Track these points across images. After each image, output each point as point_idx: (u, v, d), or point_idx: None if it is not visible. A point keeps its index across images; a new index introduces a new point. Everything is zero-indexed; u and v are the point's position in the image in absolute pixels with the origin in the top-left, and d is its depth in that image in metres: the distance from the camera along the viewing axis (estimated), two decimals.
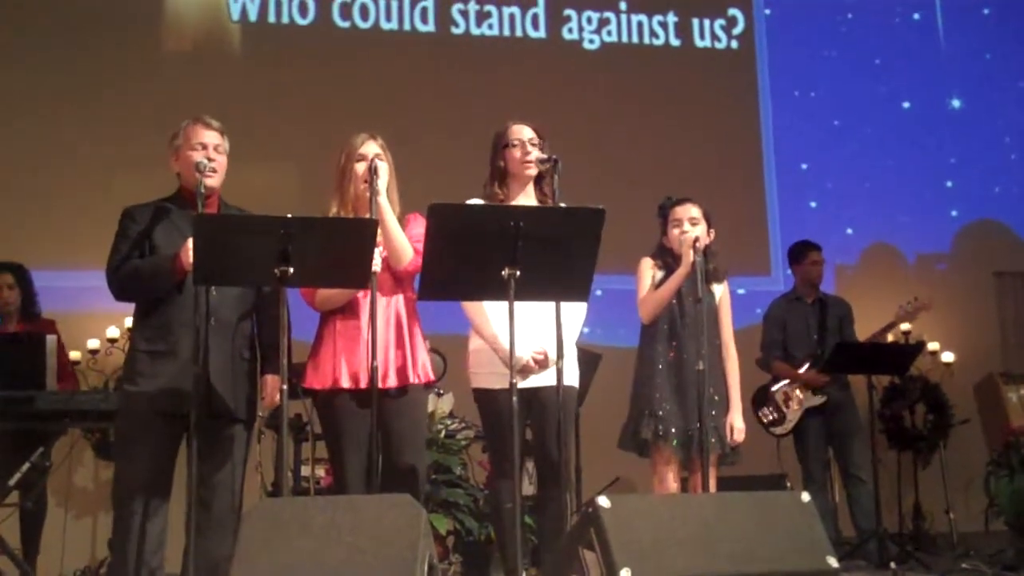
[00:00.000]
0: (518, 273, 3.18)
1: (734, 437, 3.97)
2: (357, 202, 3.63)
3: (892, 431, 7.25)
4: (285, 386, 3.26)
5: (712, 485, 3.83)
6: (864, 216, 7.94)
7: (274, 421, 4.38)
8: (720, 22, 8.05)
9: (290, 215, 3.19)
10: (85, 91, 6.79)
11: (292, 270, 3.20)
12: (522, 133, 3.76)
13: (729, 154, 7.72)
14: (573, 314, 3.72)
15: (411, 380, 3.57)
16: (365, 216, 3.51)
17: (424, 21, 7.56)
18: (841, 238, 7.77)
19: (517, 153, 3.75)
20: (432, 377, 3.71)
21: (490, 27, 7.67)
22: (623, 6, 7.90)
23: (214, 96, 6.55)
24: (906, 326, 6.60)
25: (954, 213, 8.16)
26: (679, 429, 3.90)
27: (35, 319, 5.39)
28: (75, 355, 6.04)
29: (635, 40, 7.88)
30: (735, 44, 8.05)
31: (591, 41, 7.80)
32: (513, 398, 3.25)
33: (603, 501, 2.86)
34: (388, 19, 7.50)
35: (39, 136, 6.71)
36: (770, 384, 5.87)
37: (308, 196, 5.45)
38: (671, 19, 7.96)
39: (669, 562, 2.80)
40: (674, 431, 3.90)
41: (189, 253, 3.33)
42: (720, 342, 4.07)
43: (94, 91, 6.80)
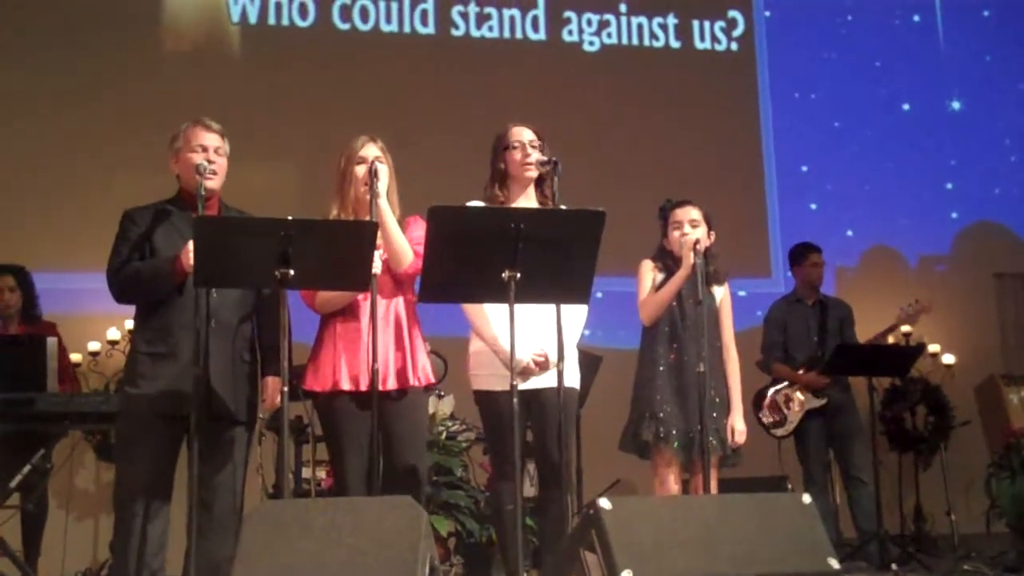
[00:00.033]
0: (518, 275, 3.18)
1: (735, 439, 3.97)
2: (357, 204, 3.63)
3: (893, 433, 7.25)
4: (286, 388, 3.26)
5: (713, 487, 3.83)
6: (864, 218, 7.94)
7: (275, 423, 4.38)
8: (720, 24, 8.06)
9: (290, 217, 3.19)
10: (85, 92, 6.80)
11: (292, 272, 3.20)
12: (522, 135, 3.76)
13: (729, 156, 7.72)
14: (574, 316, 3.72)
15: (411, 382, 3.57)
16: (365, 219, 3.51)
17: (424, 23, 7.56)
18: (841, 240, 7.77)
19: (517, 155, 3.75)
20: (432, 379, 3.71)
21: (490, 29, 7.67)
22: (623, 8, 7.90)
23: (214, 98, 6.56)
24: (907, 328, 6.61)
25: (954, 215, 8.17)
26: (680, 431, 3.90)
27: (36, 321, 5.39)
28: (76, 357, 6.04)
29: (635, 42, 7.89)
30: (735, 46, 8.06)
31: (591, 43, 7.81)
32: (514, 400, 3.24)
33: (604, 503, 2.86)
34: (388, 21, 7.50)
35: (39, 137, 6.71)
36: (771, 386, 5.87)
37: (308, 198, 5.45)
38: (671, 21, 7.96)
39: (670, 564, 2.80)
40: (675, 433, 3.90)
41: (189, 255, 3.33)
42: (721, 344, 4.06)
43: (94, 92, 6.81)
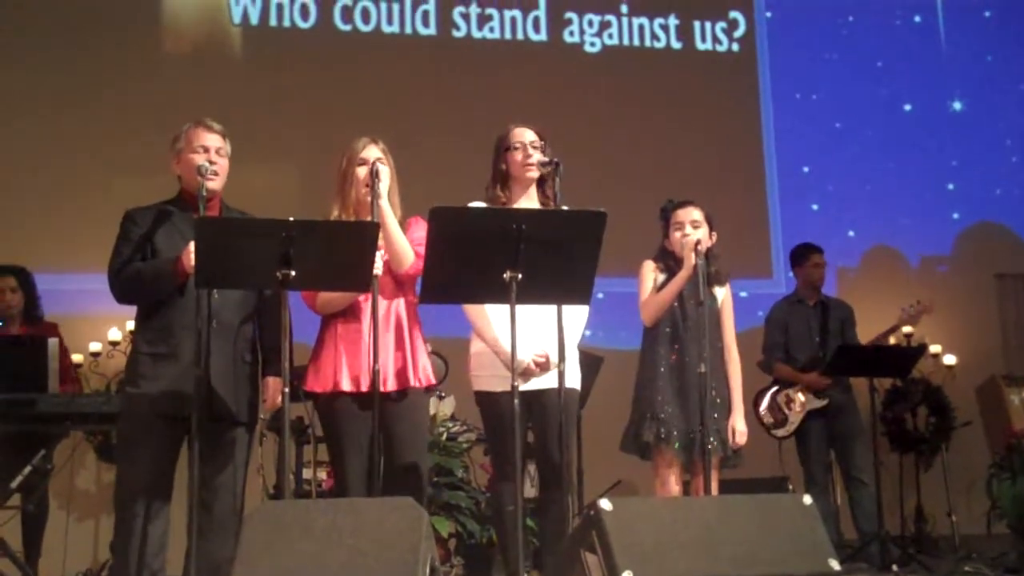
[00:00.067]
0: (519, 276, 3.18)
1: (736, 440, 3.97)
2: (358, 206, 3.63)
3: (894, 433, 7.24)
4: (287, 389, 3.26)
5: (714, 488, 3.83)
6: (865, 219, 7.94)
7: (276, 424, 4.38)
8: (721, 25, 8.05)
9: (292, 218, 3.19)
10: (85, 93, 6.80)
11: (294, 273, 3.20)
12: (524, 136, 3.76)
13: (730, 157, 7.72)
14: (575, 317, 3.72)
15: (411, 383, 3.57)
16: (366, 220, 3.51)
17: (425, 24, 7.56)
18: (842, 241, 7.77)
19: (519, 156, 3.75)
20: (433, 380, 3.70)
21: (491, 30, 7.67)
22: (624, 9, 7.90)
23: (215, 99, 6.56)
24: (908, 329, 6.61)
25: (955, 215, 8.17)
26: (681, 432, 3.90)
27: (38, 322, 5.39)
28: (77, 358, 6.05)
29: (636, 43, 7.88)
30: (736, 47, 8.05)
31: (592, 44, 7.81)
32: (515, 401, 3.24)
33: (605, 504, 2.86)
34: (389, 22, 7.50)
35: (40, 137, 6.72)
36: (772, 386, 5.87)
37: (309, 199, 5.45)
38: (672, 22, 7.96)
39: (671, 565, 2.80)
40: (676, 434, 3.90)
41: (191, 256, 3.33)
42: (722, 345, 4.06)
43: (94, 93, 6.81)
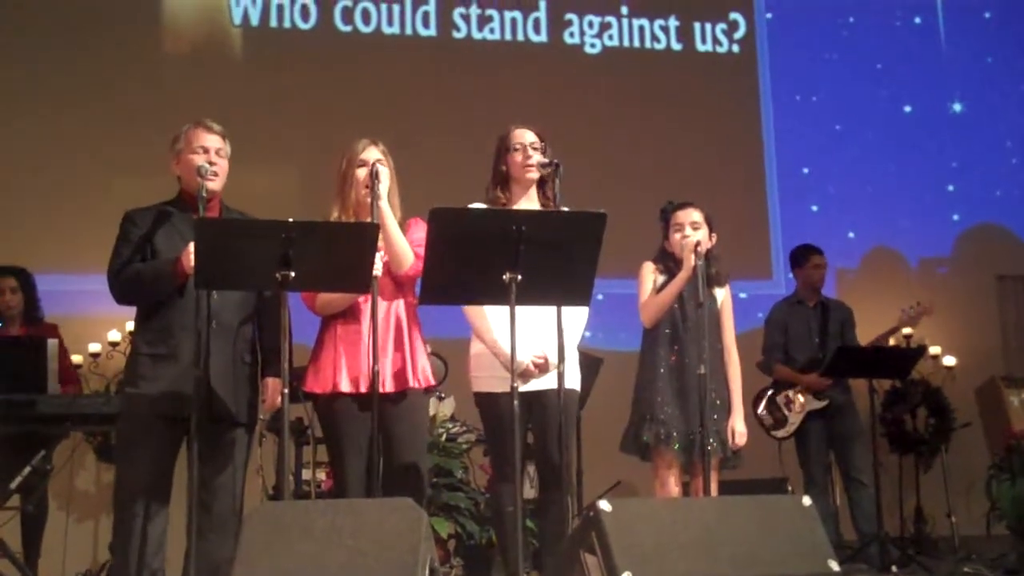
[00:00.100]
0: (519, 277, 3.18)
1: (735, 441, 3.97)
2: (358, 207, 3.63)
3: (893, 435, 7.24)
4: (286, 390, 3.26)
5: (713, 489, 3.83)
6: (865, 220, 7.94)
7: (275, 424, 4.38)
8: (721, 26, 8.05)
9: (291, 219, 3.19)
10: (85, 93, 6.79)
11: (293, 274, 3.20)
12: (524, 137, 3.76)
13: (730, 158, 7.72)
14: (575, 318, 3.72)
15: (410, 384, 3.57)
16: (366, 221, 3.51)
17: (426, 25, 7.56)
18: (842, 242, 7.77)
19: (519, 157, 3.75)
20: (432, 381, 3.70)
21: (492, 31, 7.67)
22: (624, 10, 7.90)
23: (216, 99, 6.56)
24: (908, 330, 6.61)
25: (955, 217, 8.17)
26: (681, 433, 3.90)
27: (38, 323, 5.39)
28: (77, 359, 6.04)
29: (636, 44, 7.88)
30: (736, 48, 8.06)
31: (592, 45, 7.81)
32: (514, 402, 3.24)
33: (604, 505, 2.86)
34: (390, 23, 7.50)
35: (40, 138, 6.71)
36: (771, 387, 5.87)
37: (309, 200, 5.45)
38: (672, 23, 7.96)
39: (670, 566, 2.80)
40: (676, 435, 3.89)
41: (190, 257, 3.33)
42: (722, 346, 4.06)
43: (94, 94, 6.80)
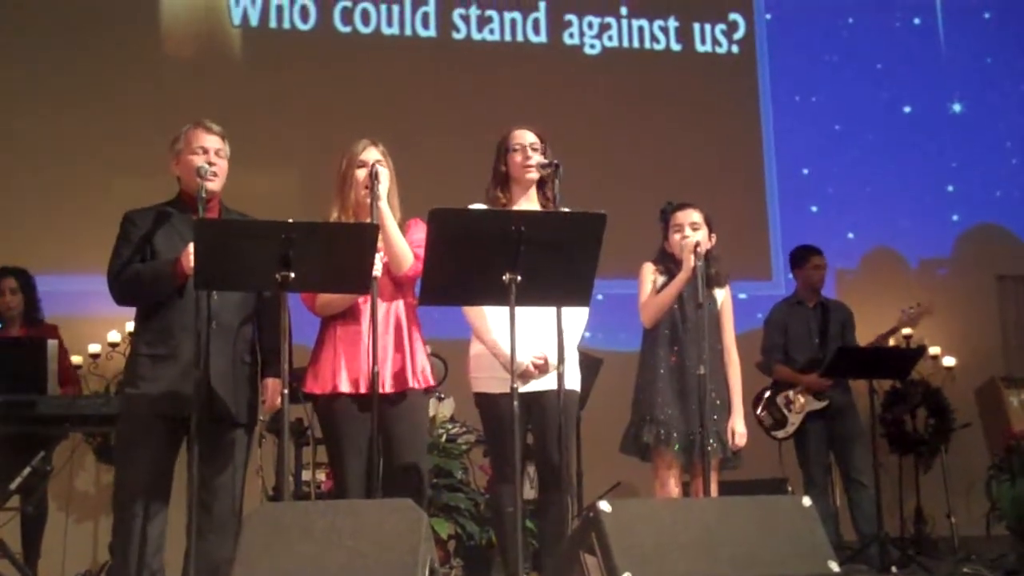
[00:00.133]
0: (519, 278, 3.18)
1: (735, 441, 3.97)
2: (358, 208, 3.63)
3: (893, 435, 7.24)
4: (286, 390, 3.25)
5: (713, 489, 3.83)
6: (865, 221, 7.94)
7: (275, 425, 4.38)
8: (721, 27, 8.05)
9: (291, 220, 3.19)
10: (85, 94, 6.79)
11: (293, 275, 3.20)
12: (524, 138, 3.77)
13: (730, 159, 7.72)
14: (575, 318, 3.72)
15: (410, 385, 3.57)
16: (366, 222, 3.51)
17: (425, 26, 7.56)
18: (842, 243, 7.77)
19: (518, 158, 3.76)
20: (432, 382, 3.70)
21: (491, 32, 7.67)
22: (624, 11, 7.90)
23: (215, 100, 6.57)
24: (907, 330, 6.60)
25: (955, 217, 8.16)
26: (681, 434, 3.90)
27: (38, 324, 5.39)
28: (76, 359, 6.04)
29: (636, 45, 7.88)
30: (736, 49, 8.05)
31: (592, 46, 7.81)
32: (514, 402, 3.24)
33: (604, 505, 2.86)
34: (389, 24, 7.50)
35: (39, 138, 6.72)
36: (771, 388, 5.87)
37: (309, 201, 5.45)
38: (672, 24, 7.96)
39: (670, 566, 2.80)
40: (676, 436, 3.89)
41: (190, 258, 3.33)
42: (722, 347, 4.06)
43: (94, 94, 6.80)
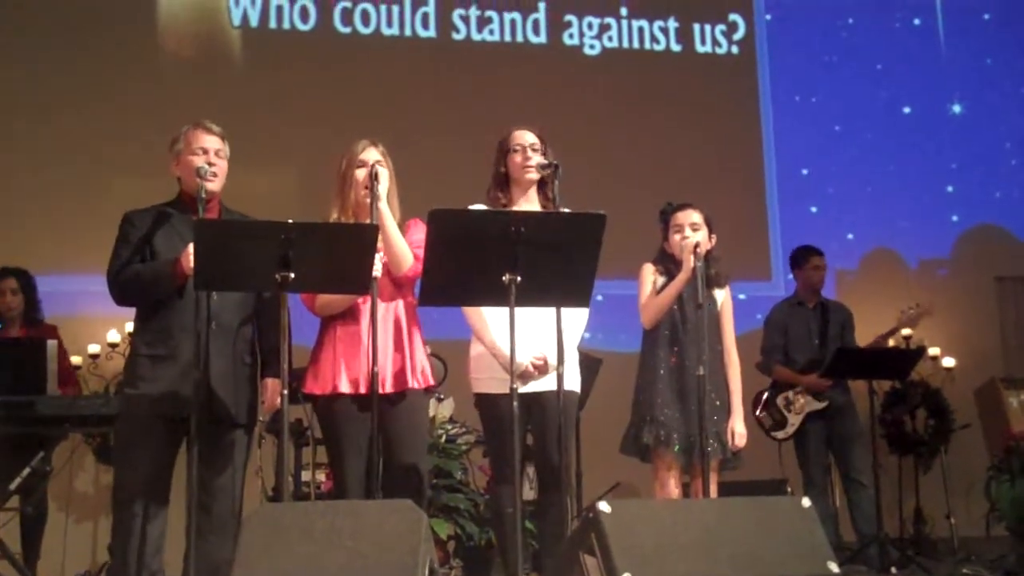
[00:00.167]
0: (519, 279, 3.18)
1: (735, 442, 3.96)
2: (358, 208, 3.63)
3: (893, 436, 7.24)
4: (286, 391, 3.25)
5: (713, 490, 3.83)
6: (865, 221, 7.94)
7: (275, 426, 4.38)
8: (721, 27, 8.05)
9: (291, 220, 3.19)
10: (85, 94, 6.79)
11: (293, 275, 3.20)
12: (524, 138, 3.77)
13: (730, 159, 7.72)
14: (575, 319, 3.72)
15: (410, 384, 3.57)
16: (366, 222, 3.51)
17: (425, 27, 7.56)
18: (842, 243, 7.77)
19: (518, 158, 3.76)
20: (432, 382, 3.70)
21: (491, 33, 7.67)
22: (624, 12, 7.89)
23: (215, 101, 6.57)
24: (907, 331, 6.60)
25: (955, 218, 8.16)
26: (681, 434, 3.90)
27: (38, 324, 5.39)
28: (76, 360, 6.04)
29: (636, 45, 7.88)
30: (736, 49, 8.05)
31: (592, 47, 7.81)
32: (514, 403, 3.24)
33: (604, 506, 2.86)
34: (389, 25, 7.50)
35: (39, 138, 6.71)
36: (771, 388, 5.87)
37: (309, 201, 5.45)
38: (672, 25, 7.96)
39: (670, 567, 2.80)
40: (676, 436, 3.89)
41: (190, 258, 3.33)
42: (722, 347, 4.06)
43: (94, 95, 6.80)
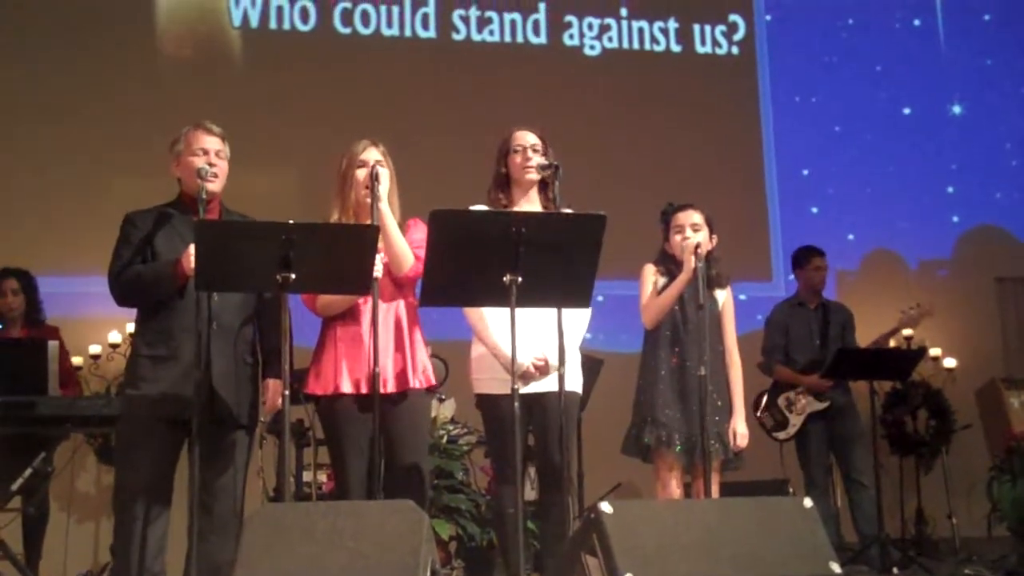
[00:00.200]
0: (519, 279, 3.18)
1: (737, 443, 3.97)
2: (358, 208, 3.63)
3: (894, 436, 7.24)
4: (287, 391, 3.25)
5: (715, 491, 3.83)
6: (865, 222, 7.93)
7: (276, 426, 4.38)
8: (721, 28, 8.05)
9: (291, 221, 3.19)
10: (85, 95, 6.79)
11: (294, 276, 3.20)
12: (525, 139, 3.77)
13: (730, 160, 7.72)
14: (576, 320, 3.72)
15: (412, 384, 3.57)
16: (366, 222, 3.51)
17: (425, 27, 7.56)
18: (842, 244, 7.76)
19: (518, 159, 3.76)
20: (433, 381, 3.70)
21: (491, 33, 7.67)
22: (624, 12, 7.89)
23: (215, 101, 6.57)
24: (908, 332, 6.60)
25: (955, 219, 8.16)
26: (682, 435, 3.90)
27: (40, 325, 5.39)
28: (77, 360, 6.04)
29: (636, 46, 7.88)
30: (736, 50, 8.05)
31: (592, 47, 7.81)
32: (515, 404, 3.24)
33: (605, 506, 2.86)
34: (389, 25, 7.50)
35: (40, 139, 6.70)
36: (772, 389, 5.87)
37: (309, 202, 5.45)
38: (672, 25, 7.96)
39: (672, 567, 2.80)
40: (677, 437, 3.90)
41: (191, 259, 3.33)
42: (723, 348, 4.06)
43: (94, 95, 6.80)
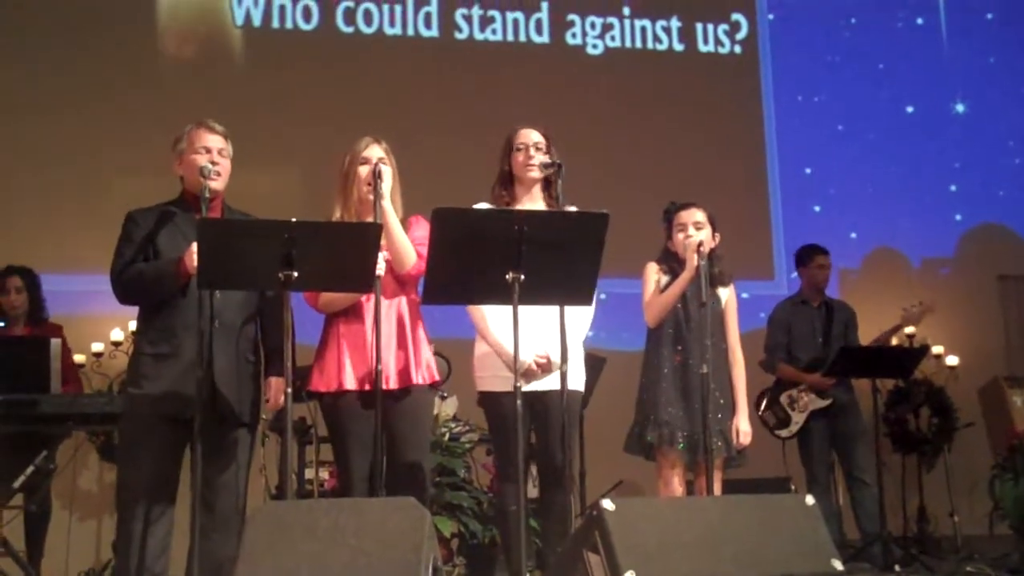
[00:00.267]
0: (522, 277, 3.18)
1: (740, 440, 3.97)
2: (360, 206, 3.63)
3: (896, 434, 7.24)
4: (289, 389, 3.25)
5: (717, 488, 3.83)
6: (868, 220, 7.93)
7: (278, 424, 4.38)
8: (723, 27, 8.05)
9: (294, 219, 3.19)
10: (87, 94, 6.79)
11: (296, 274, 3.20)
12: (528, 137, 3.78)
13: (733, 158, 7.72)
14: (579, 317, 3.72)
15: (414, 381, 3.58)
16: (368, 220, 3.51)
17: (428, 26, 7.56)
18: (845, 242, 7.75)
19: (521, 157, 3.76)
20: (436, 377, 3.70)
21: (493, 32, 7.67)
22: (626, 11, 7.89)
23: (217, 100, 6.58)
24: (910, 329, 6.60)
25: (958, 217, 8.16)
26: (684, 433, 3.90)
27: (42, 323, 5.40)
28: (79, 358, 6.05)
29: (638, 45, 7.88)
30: (738, 49, 8.05)
31: (594, 46, 7.81)
32: (517, 401, 3.25)
33: (607, 504, 2.86)
34: (392, 24, 7.50)
35: (41, 138, 6.71)
36: (775, 387, 5.87)
37: (312, 200, 5.45)
38: (674, 24, 7.96)
39: (674, 565, 2.80)
40: (680, 435, 3.90)
41: (193, 257, 3.33)
42: (726, 346, 4.06)
43: (96, 94, 6.80)
